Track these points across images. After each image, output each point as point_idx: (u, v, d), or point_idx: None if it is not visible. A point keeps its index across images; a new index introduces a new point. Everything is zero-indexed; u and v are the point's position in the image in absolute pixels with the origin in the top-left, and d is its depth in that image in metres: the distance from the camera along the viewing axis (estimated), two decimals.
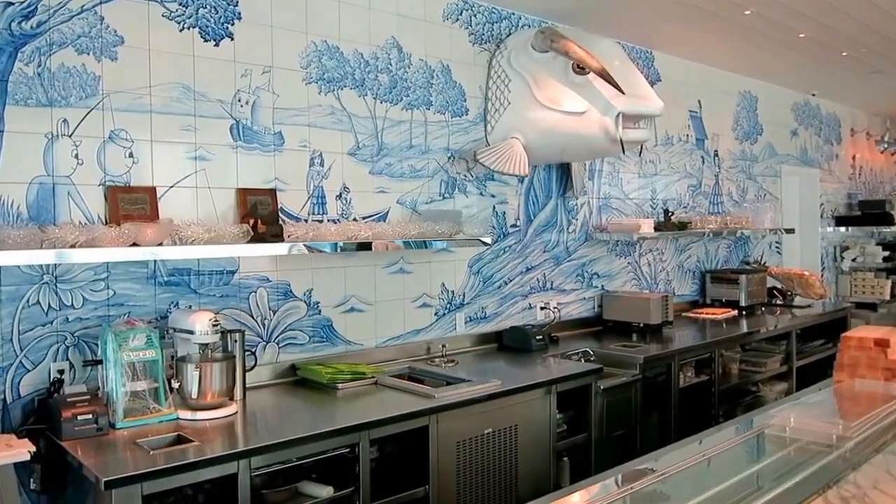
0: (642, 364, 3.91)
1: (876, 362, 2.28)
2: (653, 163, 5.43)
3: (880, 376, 2.28)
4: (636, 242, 5.25)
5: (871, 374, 2.31)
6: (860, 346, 2.35)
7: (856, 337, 2.37)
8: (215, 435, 2.55)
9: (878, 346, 2.31)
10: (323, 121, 3.48)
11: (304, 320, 3.42)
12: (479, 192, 4.18)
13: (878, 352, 2.29)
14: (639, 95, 3.92)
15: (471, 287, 4.15)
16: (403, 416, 2.81)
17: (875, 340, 2.31)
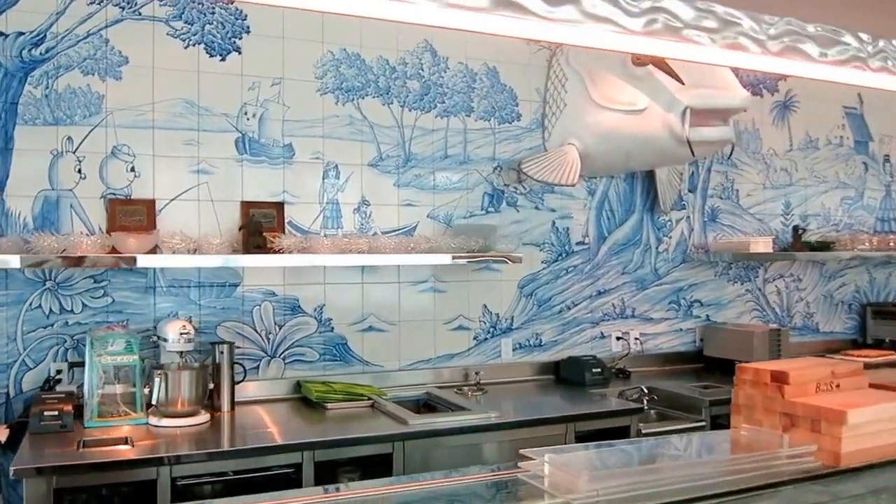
0: (708, 408, 3.54)
1: (773, 404, 1.87)
2: (786, 171, 4.89)
3: (778, 424, 1.86)
4: (760, 266, 4.75)
5: (767, 419, 1.89)
6: (756, 380, 1.93)
7: (751, 369, 1.96)
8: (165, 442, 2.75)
9: (774, 381, 1.89)
10: (340, 131, 3.62)
11: (314, 337, 3.56)
12: (535, 205, 4.07)
13: (775, 390, 1.88)
14: (711, 85, 3.59)
15: (521, 310, 4.03)
16: (357, 440, 2.82)
17: (772, 374, 1.89)
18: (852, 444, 1.73)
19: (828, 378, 1.88)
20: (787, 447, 1.74)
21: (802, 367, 1.94)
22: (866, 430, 1.74)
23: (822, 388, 1.85)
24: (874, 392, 1.92)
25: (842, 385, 1.89)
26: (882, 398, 1.86)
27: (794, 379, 1.84)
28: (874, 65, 1.77)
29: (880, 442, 1.77)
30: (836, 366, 1.93)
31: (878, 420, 1.77)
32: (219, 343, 3.21)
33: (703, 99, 3.58)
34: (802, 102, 4.95)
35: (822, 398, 1.82)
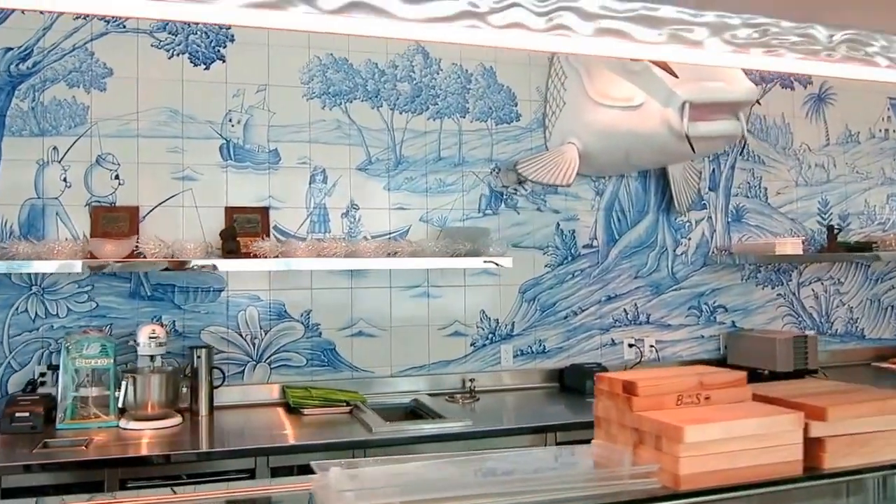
0: None
1: (624, 417, 1.56)
2: (821, 167, 4.46)
3: (629, 439, 1.55)
4: (793, 269, 4.34)
5: (622, 434, 1.57)
6: (611, 391, 1.62)
7: (606, 378, 1.65)
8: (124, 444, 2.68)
9: (625, 392, 1.57)
10: (327, 136, 3.50)
11: (301, 342, 3.44)
12: (537, 207, 3.83)
13: (625, 402, 1.57)
14: (711, 78, 3.28)
15: (522, 316, 3.79)
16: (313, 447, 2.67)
17: (623, 385, 1.59)
18: (698, 464, 1.43)
19: (693, 390, 1.58)
20: (630, 466, 1.46)
21: (661, 377, 1.66)
22: (713, 449, 1.44)
23: (684, 401, 1.56)
24: (746, 406, 1.60)
25: (713, 397, 1.59)
26: (749, 413, 1.55)
27: (644, 390, 1.55)
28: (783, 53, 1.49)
29: (734, 464, 1.46)
30: (707, 376, 1.62)
31: (727, 438, 1.46)
32: (197, 347, 3.13)
33: (702, 93, 3.28)
34: (840, 94, 4.51)
35: (675, 412, 1.53)
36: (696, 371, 1.65)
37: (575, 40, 1.19)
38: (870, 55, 1.39)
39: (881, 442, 1.55)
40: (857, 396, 1.67)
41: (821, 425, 1.53)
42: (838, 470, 1.51)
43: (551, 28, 1.17)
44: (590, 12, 1.17)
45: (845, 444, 1.53)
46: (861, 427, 1.55)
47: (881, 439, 1.56)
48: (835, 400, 1.61)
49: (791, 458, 1.49)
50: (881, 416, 1.57)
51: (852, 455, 1.53)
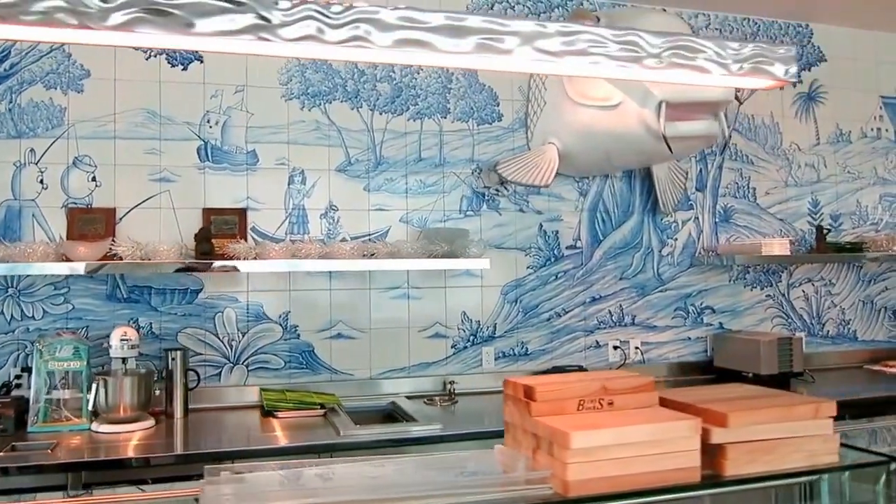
0: None
1: (525, 422, 1.49)
2: (811, 166, 4.37)
3: (530, 444, 1.48)
4: (783, 269, 4.25)
5: (525, 439, 1.50)
6: (514, 396, 1.55)
7: (511, 383, 1.57)
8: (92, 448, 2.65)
9: (526, 397, 1.50)
10: (305, 137, 3.46)
11: (279, 344, 3.40)
12: (519, 208, 3.77)
13: (525, 407, 1.50)
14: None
15: (504, 318, 3.73)
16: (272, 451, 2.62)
17: (524, 389, 1.52)
18: (587, 471, 1.36)
19: (596, 395, 1.51)
20: (525, 471, 1.40)
21: (563, 382, 1.57)
22: (603, 455, 1.37)
23: (586, 406, 1.49)
24: (648, 412, 1.52)
25: (617, 403, 1.52)
26: (649, 419, 1.47)
27: (543, 395, 1.48)
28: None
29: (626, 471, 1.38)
30: (612, 381, 1.55)
31: (618, 444, 1.39)
32: (172, 350, 3.10)
33: (678, 92, 3.19)
34: (831, 93, 4.42)
35: (573, 418, 1.46)
36: (600, 376, 1.58)
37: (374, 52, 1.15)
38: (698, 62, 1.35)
39: (787, 449, 1.49)
40: (766, 402, 1.59)
41: (722, 431, 1.46)
42: (739, 477, 1.45)
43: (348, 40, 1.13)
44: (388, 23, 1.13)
45: (747, 451, 1.46)
46: (765, 434, 1.48)
47: (787, 446, 1.49)
48: (740, 406, 1.54)
49: (688, 465, 1.42)
50: (787, 422, 1.50)
51: (756, 462, 1.46)
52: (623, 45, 1.29)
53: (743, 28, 4.25)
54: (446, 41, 1.17)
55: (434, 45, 1.17)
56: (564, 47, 1.25)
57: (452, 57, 1.19)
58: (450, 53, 1.18)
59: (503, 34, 1.21)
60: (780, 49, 1.38)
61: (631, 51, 1.29)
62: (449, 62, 1.26)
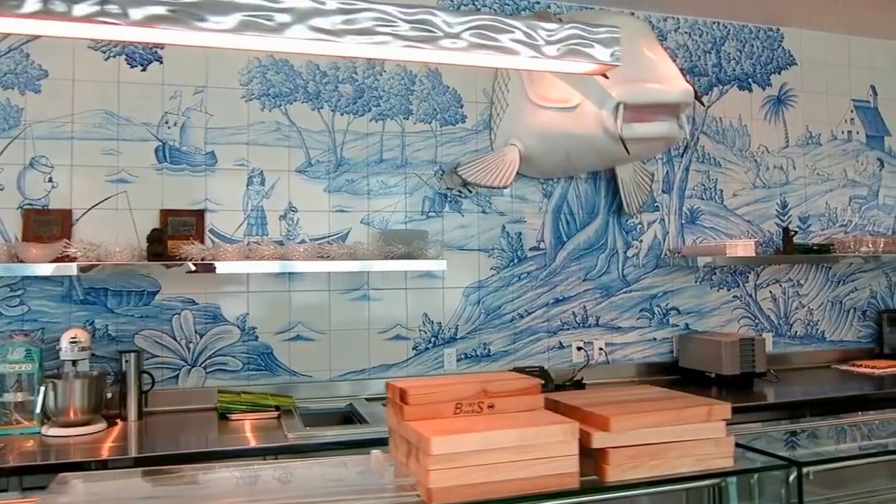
0: None
1: (400, 426, 1.44)
2: (780, 168, 4.32)
3: (404, 451, 1.44)
4: (750, 270, 4.21)
5: (402, 445, 1.46)
6: (393, 399, 1.50)
7: (391, 385, 1.50)
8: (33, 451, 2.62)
9: (401, 401, 1.46)
10: (265, 138, 3.42)
11: (237, 346, 3.36)
12: (482, 209, 3.73)
13: (399, 410, 1.45)
14: (646, 79, 3.17)
15: (467, 319, 3.69)
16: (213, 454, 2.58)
17: (399, 392, 1.46)
18: (451, 477, 1.30)
19: (474, 398, 1.46)
20: (392, 478, 1.36)
21: (440, 384, 1.52)
22: (469, 461, 1.32)
23: (463, 410, 1.44)
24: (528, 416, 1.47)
25: (498, 406, 1.47)
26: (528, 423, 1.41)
27: (416, 399, 1.43)
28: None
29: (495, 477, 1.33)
30: (493, 383, 1.50)
31: (486, 450, 1.33)
32: (126, 352, 3.06)
33: (637, 94, 3.16)
34: (801, 97, 4.37)
35: (448, 422, 1.41)
36: (481, 378, 1.55)
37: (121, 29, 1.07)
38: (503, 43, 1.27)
39: (675, 453, 1.45)
40: (656, 405, 1.54)
41: (603, 436, 1.42)
42: (621, 483, 1.40)
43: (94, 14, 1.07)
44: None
45: (631, 456, 1.42)
46: (650, 437, 1.43)
47: (676, 450, 1.45)
48: (627, 409, 1.49)
49: (565, 471, 1.38)
50: (676, 425, 1.45)
51: (640, 467, 1.43)
52: (415, 25, 1.21)
53: (713, 32, 4.20)
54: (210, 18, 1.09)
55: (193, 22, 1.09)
56: (345, 26, 1.17)
57: (212, 36, 1.10)
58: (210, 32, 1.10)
59: (273, 11, 1.13)
60: (600, 30, 1.32)
61: (424, 30, 1.22)
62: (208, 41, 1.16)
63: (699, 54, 4.16)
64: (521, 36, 1.28)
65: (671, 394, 1.73)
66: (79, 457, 2.56)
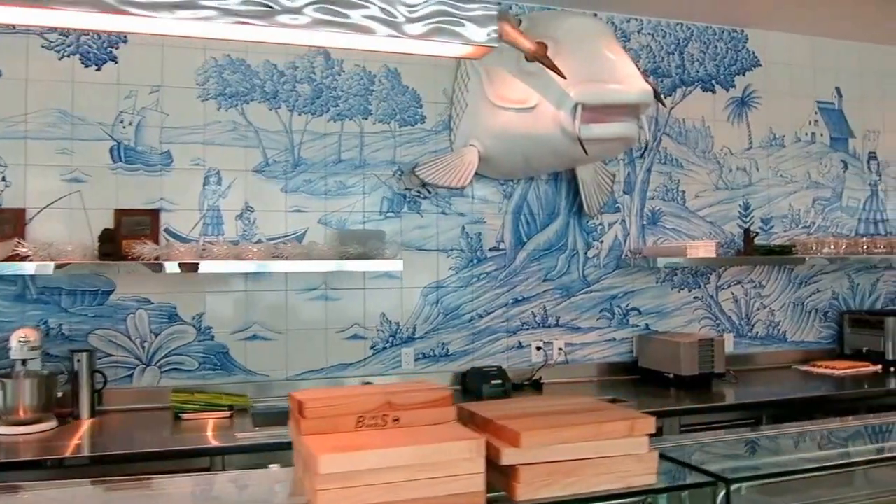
0: None
1: (296, 441, 1.43)
2: (743, 170, 4.32)
3: (301, 467, 1.43)
4: (712, 271, 4.21)
5: (300, 462, 1.44)
6: (293, 413, 1.49)
7: (291, 396, 1.47)
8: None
9: (299, 413, 1.45)
10: (222, 137, 3.41)
11: (193, 346, 3.35)
12: (441, 210, 3.72)
13: (297, 424, 1.44)
14: (604, 80, 3.16)
15: (425, 319, 3.69)
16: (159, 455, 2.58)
17: (298, 404, 1.44)
18: (343, 498, 1.25)
19: (378, 411, 1.44)
20: (283, 497, 1.35)
21: (341, 396, 1.48)
22: (362, 480, 1.26)
23: (366, 424, 1.42)
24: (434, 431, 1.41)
25: (405, 419, 1.45)
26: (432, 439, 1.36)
27: (312, 411, 1.39)
28: None
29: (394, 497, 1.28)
30: (399, 395, 1.48)
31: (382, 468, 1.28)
32: (78, 351, 3.05)
33: (595, 94, 3.16)
34: (765, 98, 4.37)
35: (344, 437, 1.38)
36: (387, 389, 1.52)
37: None
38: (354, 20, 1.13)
39: (593, 470, 1.39)
40: (574, 419, 1.48)
41: (513, 452, 1.36)
42: (533, 502, 1.36)
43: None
44: None
45: (545, 474, 1.36)
46: (565, 454, 1.37)
47: (594, 467, 1.39)
48: (541, 423, 1.44)
49: (471, 490, 1.32)
50: (594, 441, 1.40)
51: (554, 485, 1.37)
52: None
53: (676, 33, 4.19)
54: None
55: None
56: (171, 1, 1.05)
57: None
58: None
59: None
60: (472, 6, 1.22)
61: (260, 4, 1.11)
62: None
63: (662, 55, 4.15)
64: (377, 12, 1.16)
65: (597, 406, 1.68)
66: (28, 455, 2.55)
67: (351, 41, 1.15)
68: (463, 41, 1.20)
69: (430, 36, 1.18)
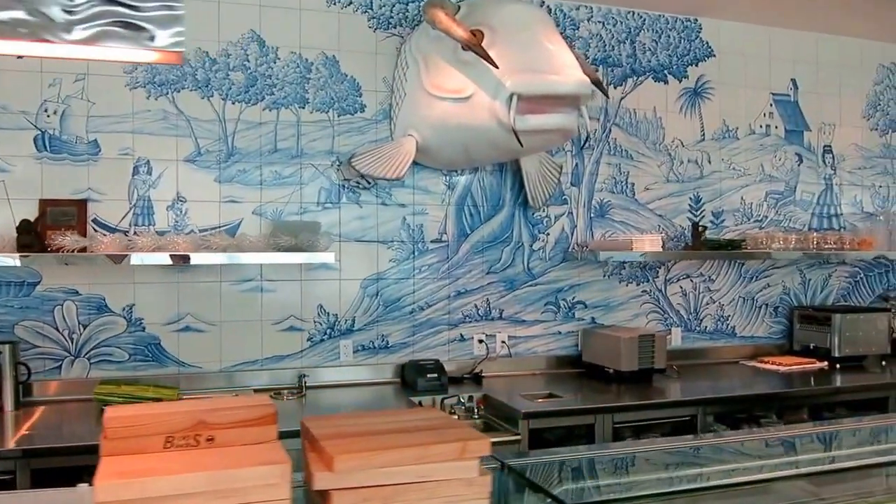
0: (524, 420, 3.04)
1: None
2: (695, 162, 4.26)
3: None
4: (660, 265, 4.15)
5: None
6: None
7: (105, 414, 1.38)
8: None
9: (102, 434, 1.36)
10: (151, 126, 3.32)
11: (123, 337, 3.29)
12: (381, 201, 3.65)
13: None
14: (540, 70, 3.07)
15: (364, 311, 3.63)
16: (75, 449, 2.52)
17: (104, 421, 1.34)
18: None
19: (189, 430, 1.37)
20: None
21: (150, 413, 1.40)
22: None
23: (175, 444, 1.35)
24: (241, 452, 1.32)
25: (220, 438, 1.37)
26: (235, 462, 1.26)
27: (114, 431, 1.30)
28: None
29: None
30: (216, 413, 1.41)
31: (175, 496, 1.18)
32: (0, 343, 2.99)
33: (531, 85, 3.08)
34: (718, 89, 4.29)
35: (149, 459, 1.31)
36: (205, 407, 1.43)
37: None
38: None
39: (416, 495, 1.30)
40: (400, 440, 1.38)
41: (326, 476, 1.27)
42: None
43: None
44: None
45: (362, 499, 1.28)
46: (383, 478, 1.29)
47: (418, 492, 1.30)
48: (364, 444, 1.34)
49: None
50: (417, 465, 1.31)
51: None
52: None
53: (627, 21, 4.10)
54: None
55: None
56: None
57: None
58: None
59: None
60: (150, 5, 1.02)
61: None
62: None
63: (613, 44, 4.07)
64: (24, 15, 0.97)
65: (437, 423, 1.53)
66: None
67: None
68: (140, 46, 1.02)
69: (98, 41, 1.00)
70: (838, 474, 1.71)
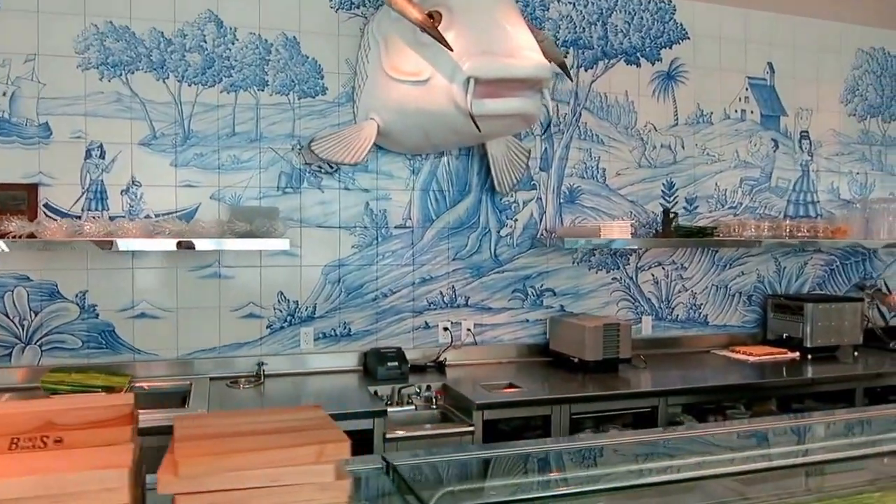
0: (478, 412, 2.98)
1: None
2: (668, 147, 4.17)
3: None
4: (631, 252, 4.08)
5: None
6: None
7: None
8: None
9: None
10: (105, 109, 3.23)
11: (76, 324, 3.22)
12: (344, 185, 3.57)
13: None
14: (497, 52, 2.98)
15: (326, 298, 3.56)
16: None
17: None
18: None
19: (36, 431, 1.29)
20: None
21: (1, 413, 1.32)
22: None
23: (21, 446, 1.28)
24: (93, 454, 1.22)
25: (69, 440, 1.29)
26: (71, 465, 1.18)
27: None
28: None
29: None
30: (68, 413, 1.33)
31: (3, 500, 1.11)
32: None
33: (488, 68, 2.99)
34: (692, 73, 4.20)
35: None
36: (56, 407, 1.35)
37: None
38: None
39: (265, 501, 1.23)
40: (255, 443, 1.30)
41: (171, 481, 1.20)
42: None
43: None
44: None
45: (208, 503, 1.21)
46: (231, 483, 1.22)
47: (267, 497, 1.23)
48: (214, 447, 1.27)
49: None
50: (268, 469, 1.23)
51: None
52: None
53: (599, 2, 4.00)
54: None
55: None
56: None
57: None
58: None
59: None
60: None
61: None
62: None
63: (584, 26, 3.97)
64: None
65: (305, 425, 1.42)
66: None
67: None
68: None
69: None
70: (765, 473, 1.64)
